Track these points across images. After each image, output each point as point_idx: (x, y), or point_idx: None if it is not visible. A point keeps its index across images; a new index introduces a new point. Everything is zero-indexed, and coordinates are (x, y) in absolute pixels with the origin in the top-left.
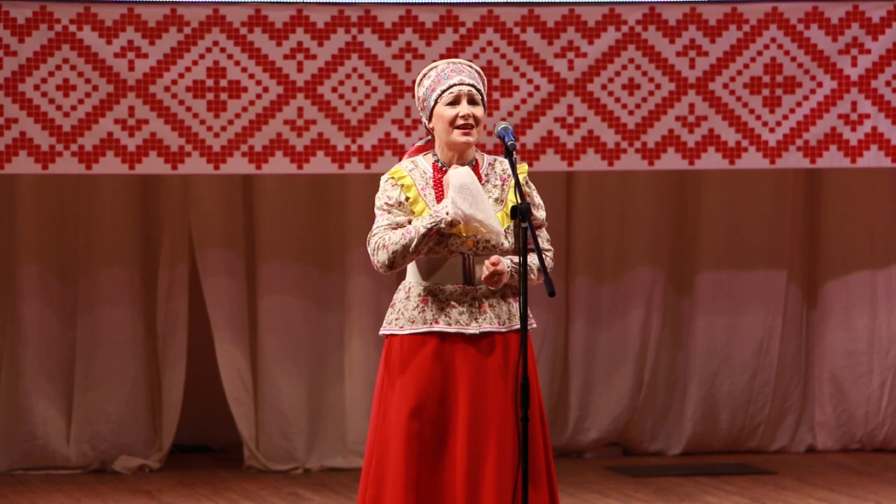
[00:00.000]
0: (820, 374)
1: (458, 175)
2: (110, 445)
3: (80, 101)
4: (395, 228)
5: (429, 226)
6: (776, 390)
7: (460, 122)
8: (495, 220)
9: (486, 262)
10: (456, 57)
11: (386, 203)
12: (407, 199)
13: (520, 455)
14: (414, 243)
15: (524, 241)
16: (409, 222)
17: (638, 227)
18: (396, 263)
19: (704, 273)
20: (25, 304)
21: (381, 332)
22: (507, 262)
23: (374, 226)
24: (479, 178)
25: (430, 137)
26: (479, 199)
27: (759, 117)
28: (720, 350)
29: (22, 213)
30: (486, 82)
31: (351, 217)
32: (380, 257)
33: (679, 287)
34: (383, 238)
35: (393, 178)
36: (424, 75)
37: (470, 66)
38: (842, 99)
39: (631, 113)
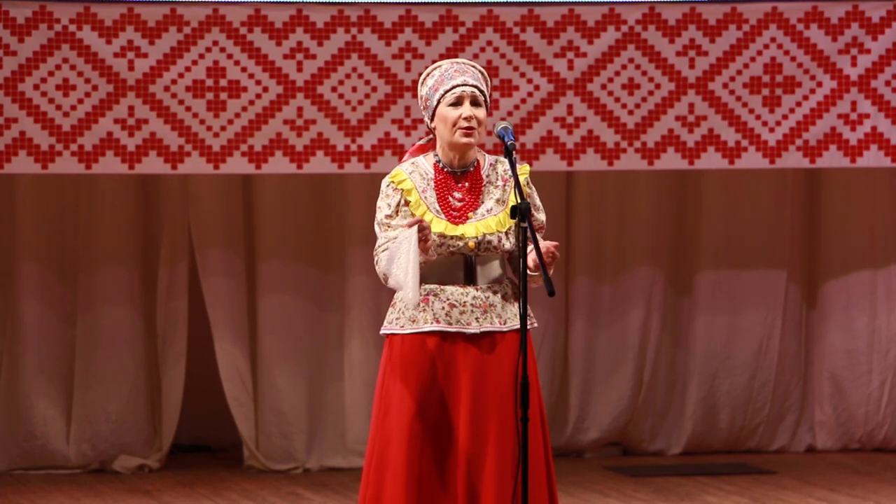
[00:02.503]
0: (820, 373)
1: (403, 235)
2: (110, 445)
3: (80, 101)
4: None
5: None
6: (776, 390)
7: (462, 123)
8: (405, 277)
9: (550, 246)
10: (456, 57)
11: (385, 216)
12: (407, 202)
13: (520, 455)
14: None
15: (524, 241)
16: None
17: (638, 227)
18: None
19: (704, 273)
20: (25, 303)
21: (381, 332)
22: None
23: (376, 244)
24: (480, 180)
25: (431, 136)
26: (399, 257)
27: (758, 117)
28: (720, 350)
29: (22, 213)
30: (489, 83)
31: (351, 217)
32: (381, 279)
33: (679, 287)
34: (380, 260)
35: (393, 181)
36: (428, 74)
37: (474, 67)
38: (841, 99)
39: (631, 113)
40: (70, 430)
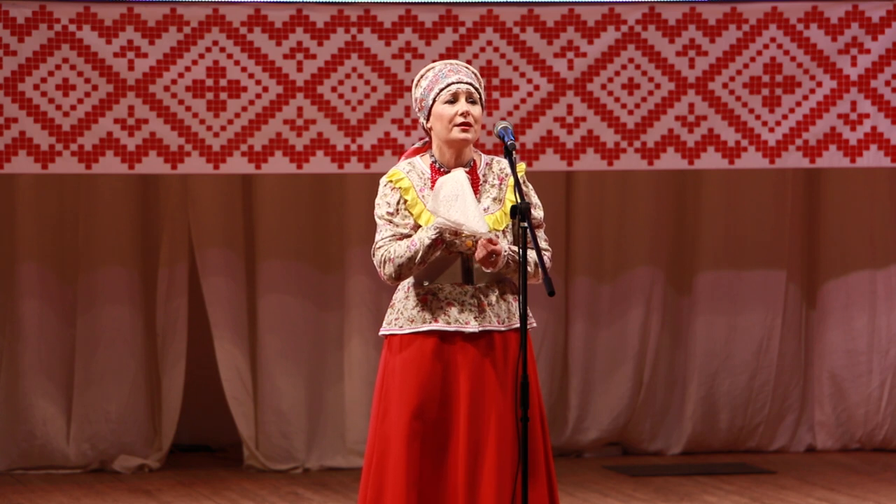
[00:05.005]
0: (819, 373)
1: (439, 183)
2: (110, 445)
3: (80, 101)
4: (399, 239)
5: (434, 237)
6: (776, 390)
7: (459, 119)
8: (477, 222)
9: (482, 240)
10: (455, 57)
11: (387, 213)
12: (405, 201)
13: (519, 455)
14: (419, 255)
15: (524, 241)
16: (413, 227)
17: (638, 227)
18: (403, 275)
19: (704, 273)
20: (25, 302)
21: (380, 333)
22: (504, 245)
23: (378, 237)
24: (477, 179)
25: (427, 139)
26: (460, 202)
27: (758, 117)
28: (720, 350)
29: (22, 213)
30: (482, 83)
31: (351, 217)
32: (386, 270)
33: (678, 287)
34: (388, 251)
35: (391, 180)
36: (422, 76)
37: (467, 67)
38: (841, 99)
39: (630, 113)
40: (70, 430)
